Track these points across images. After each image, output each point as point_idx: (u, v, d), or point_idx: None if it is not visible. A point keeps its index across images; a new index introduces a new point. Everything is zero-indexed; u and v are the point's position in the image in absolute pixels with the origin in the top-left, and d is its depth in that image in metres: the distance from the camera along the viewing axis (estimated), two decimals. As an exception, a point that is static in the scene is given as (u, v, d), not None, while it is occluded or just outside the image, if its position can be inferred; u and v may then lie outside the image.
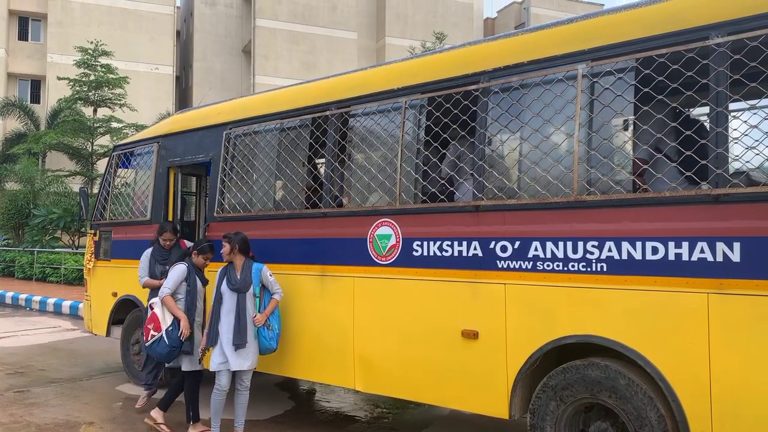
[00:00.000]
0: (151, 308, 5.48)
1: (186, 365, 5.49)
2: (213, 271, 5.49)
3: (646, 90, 3.68)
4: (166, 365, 5.98)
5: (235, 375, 5.19)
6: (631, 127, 3.99)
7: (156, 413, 5.61)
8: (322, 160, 5.48)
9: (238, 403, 5.24)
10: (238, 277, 5.18)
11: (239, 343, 5.06)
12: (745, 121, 3.50)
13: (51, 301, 14.06)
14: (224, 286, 5.16)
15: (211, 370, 5.17)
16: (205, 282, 5.65)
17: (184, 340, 5.35)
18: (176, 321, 5.36)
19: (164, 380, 6.91)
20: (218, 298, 5.17)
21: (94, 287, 7.75)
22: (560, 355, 4.11)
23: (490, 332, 4.25)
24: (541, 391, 4.02)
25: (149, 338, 5.37)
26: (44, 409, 6.22)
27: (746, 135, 3.47)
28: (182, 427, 5.58)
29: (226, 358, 5.07)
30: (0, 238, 23.23)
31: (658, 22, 3.71)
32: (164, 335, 5.30)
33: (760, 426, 3.23)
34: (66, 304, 13.58)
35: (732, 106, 3.64)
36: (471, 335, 4.33)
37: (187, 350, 5.41)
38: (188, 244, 6.36)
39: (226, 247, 5.24)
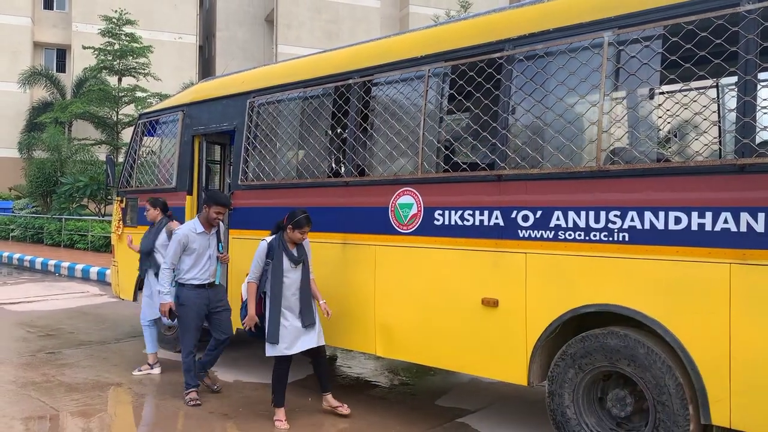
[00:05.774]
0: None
1: (269, 351, 4.94)
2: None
3: (674, 58, 3.63)
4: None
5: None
6: (657, 96, 3.94)
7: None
8: (345, 129, 5.49)
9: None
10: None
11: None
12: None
13: (79, 267, 14.39)
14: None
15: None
16: (297, 259, 4.95)
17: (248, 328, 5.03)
18: (245, 304, 5.07)
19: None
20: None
21: (121, 253, 7.90)
22: (579, 324, 4.14)
23: (510, 301, 4.29)
24: (560, 359, 4.06)
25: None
26: (75, 370, 6.43)
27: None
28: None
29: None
30: (28, 205, 23.73)
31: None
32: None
33: (779, 396, 3.24)
34: (93, 270, 13.90)
35: (761, 75, 3.58)
36: (491, 303, 4.37)
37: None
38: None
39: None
